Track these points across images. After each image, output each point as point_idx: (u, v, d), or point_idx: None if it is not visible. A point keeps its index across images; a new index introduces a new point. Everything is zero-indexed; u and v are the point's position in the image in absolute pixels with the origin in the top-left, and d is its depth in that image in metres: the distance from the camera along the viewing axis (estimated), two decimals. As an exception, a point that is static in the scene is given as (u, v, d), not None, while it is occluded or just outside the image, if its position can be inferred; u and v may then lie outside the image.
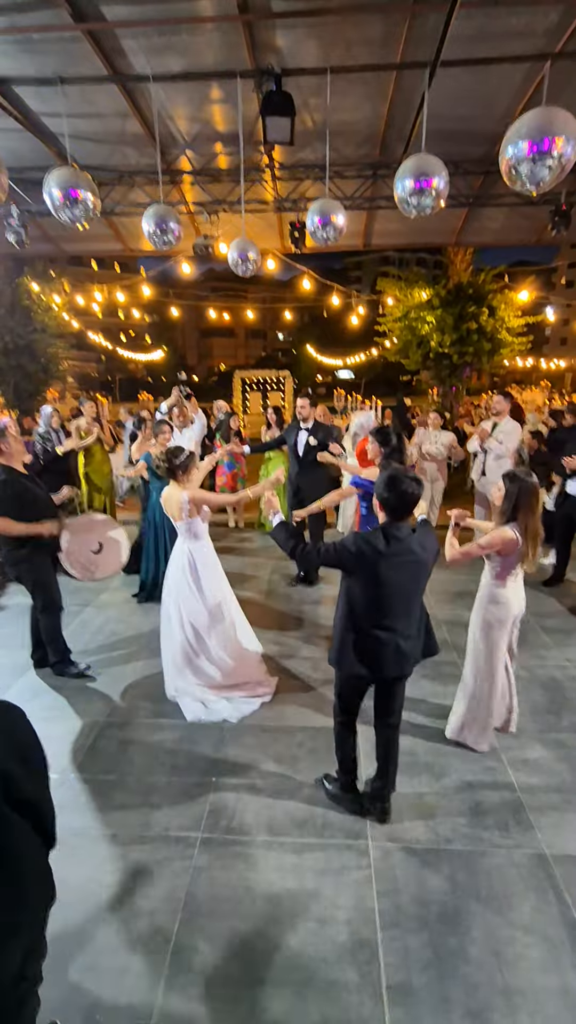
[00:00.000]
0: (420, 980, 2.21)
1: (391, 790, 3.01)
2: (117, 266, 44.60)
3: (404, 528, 2.62)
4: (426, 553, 2.67)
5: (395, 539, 2.57)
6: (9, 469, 3.89)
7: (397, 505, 2.60)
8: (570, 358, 36.13)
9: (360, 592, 2.65)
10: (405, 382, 34.08)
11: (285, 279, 46.79)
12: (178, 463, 3.86)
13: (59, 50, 5.15)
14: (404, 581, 2.63)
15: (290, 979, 2.21)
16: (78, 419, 7.69)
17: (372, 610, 2.65)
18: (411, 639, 2.75)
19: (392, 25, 4.83)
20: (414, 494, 2.59)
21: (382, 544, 2.56)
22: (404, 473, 2.60)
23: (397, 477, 2.58)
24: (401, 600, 2.66)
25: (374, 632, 2.66)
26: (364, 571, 2.60)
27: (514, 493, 3.22)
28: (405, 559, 2.59)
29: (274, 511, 3.10)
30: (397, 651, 2.69)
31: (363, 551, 2.56)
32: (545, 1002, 2.14)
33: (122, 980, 2.21)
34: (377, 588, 2.60)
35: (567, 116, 3.83)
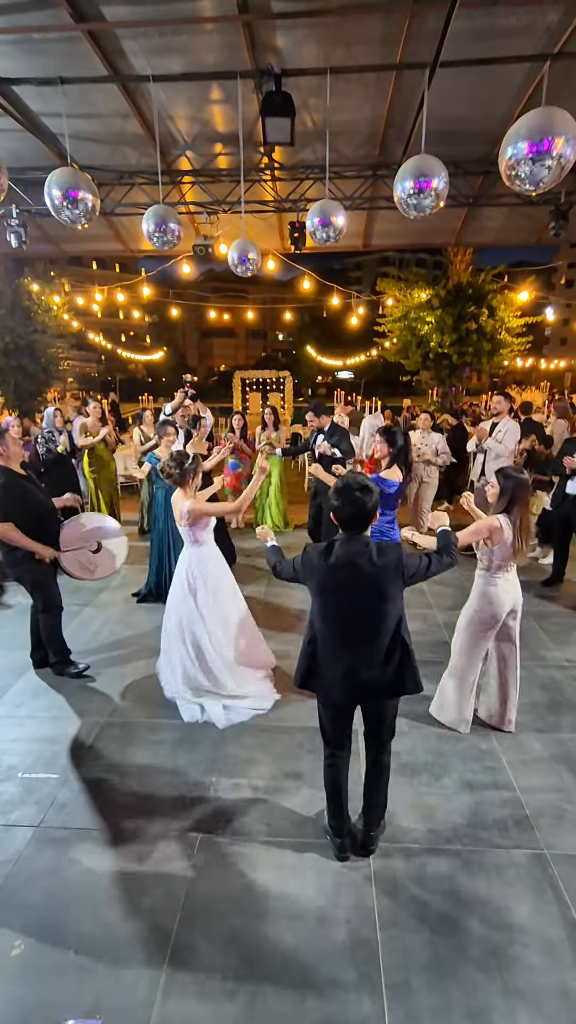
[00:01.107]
0: (419, 980, 2.21)
1: (375, 832, 2.78)
2: (117, 266, 44.66)
3: (357, 542, 2.41)
4: (377, 570, 2.38)
5: (341, 553, 2.39)
6: (7, 470, 3.89)
7: (347, 516, 2.40)
8: (570, 358, 36.15)
9: (314, 609, 2.53)
10: (405, 382, 34.06)
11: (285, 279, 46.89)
12: (187, 467, 3.81)
13: (59, 50, 5.16)
14: (352, 599, 2.41)
15: (289, 978, 2.21)
16: (85, 419, 7.69)
17: (326, 629, 2.51)
18: (374, 668, 2.47)
19: (392, 25, 4.84)
20: (365, 505, 2.36)
21: (323, 555, 2.42)
22: (355, 482, 2.39)
23: (348, 487, 2.38)
24: (352, 620, 2.44)
25: (327, 652, 2.51)
26: (311, 585, 2.49)
27: (509, 488, 3.32)
28: (351, 576, 2.38)
29: (269, 538, 3.15)
30: (350, 676, 2.47)
31: (305, 563, 2.48)
32: (544, 1002, 2.14)
33: (122, 979, 2.21)
34: (325, 605, 2.47)
35: (566, 116, 3.83)
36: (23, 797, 3.15)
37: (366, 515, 2.40)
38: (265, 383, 13.89)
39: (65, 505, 4.35)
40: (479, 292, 11.57)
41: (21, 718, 3.89)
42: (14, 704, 4.06)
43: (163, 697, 4.03)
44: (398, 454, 4.34)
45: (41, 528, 3.97)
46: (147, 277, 15.39)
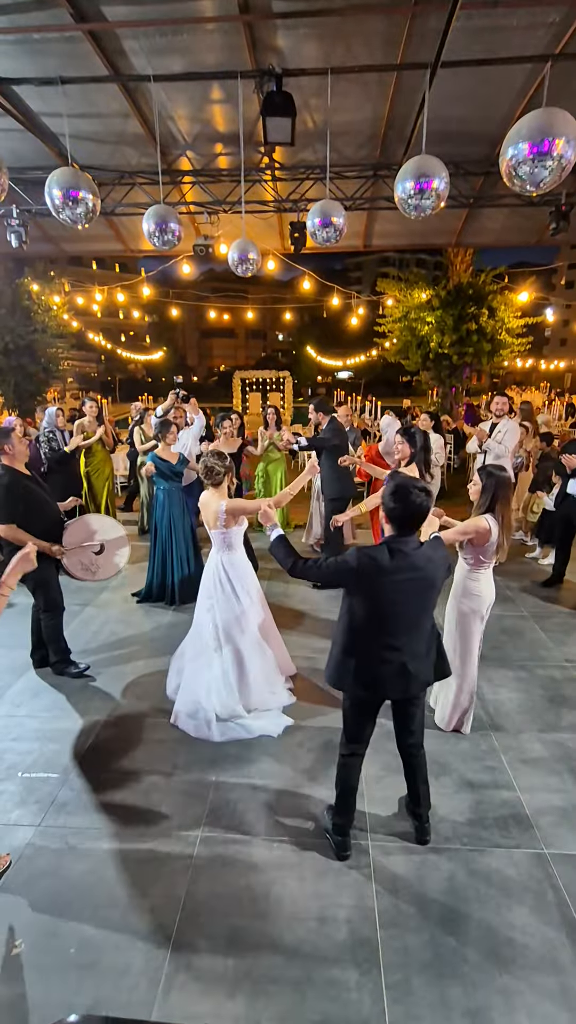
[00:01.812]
0: (419, 979, 2.21)
1: (427, 808, 2.89)
2: (117, 266, 44.66)
3: (411, 542, 2.43)
4: (434, 569, 2.47)
5: (400, 554, 2.39)
6: (11, 470, 3.89)
7: (404, 517, 2.41)
8: (570, 359, 36.18)
9: (362, 609, 2.48)
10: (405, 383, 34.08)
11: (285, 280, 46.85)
12: (225, 468, 3.68)
13: (60, 50, 5.16)
14: (409, 599, 2.44)
15: (290, 977, 2.21)
16: (81, 419, 7.69)
17: (375, 628, 2.48)
18: (420, 659, 2.56)
19: (393, 26, 4.84)
20: (423, 505, 2.38)
21: (386, 559, 2.37)
22: (412, 482, 2.41)
23: (405, 486, 2.39)
24: (406, 618, 2.48)
25: (376, 651, 2.49)
26: (365, 588, 2.43)
27: (491, 486, 3.36)
28: (410, 576, 2.40)
29: (272, 524, 2.92)
30: (402, 671, 2.51)
31: (364, 566, 2.38)
32: (544, 1002, 2.14)
33: (122, 978, 2.21)
34: (380, 605, 2.43)
35: (567, 117, 3.83)
36: (23, 796, 3.16)
37: (422, 516, 2.41)
38: (265, 383, 13.90)
39: (67, 508, 4.37)
40: (479, 293, 11.56)
41: (21, 718, 3.89)
42: (14, 704, 4.06)
43: (164, 696, 4.04)
44: (418, 453, 4.36)
45: (45, 529, 3.97)
46: (147, 277, 15.39)
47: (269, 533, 2.86)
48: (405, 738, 2.81)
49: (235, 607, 3.75)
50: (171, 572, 5.61)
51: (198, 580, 3.96)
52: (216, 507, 3.63)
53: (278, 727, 3.72)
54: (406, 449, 4.35)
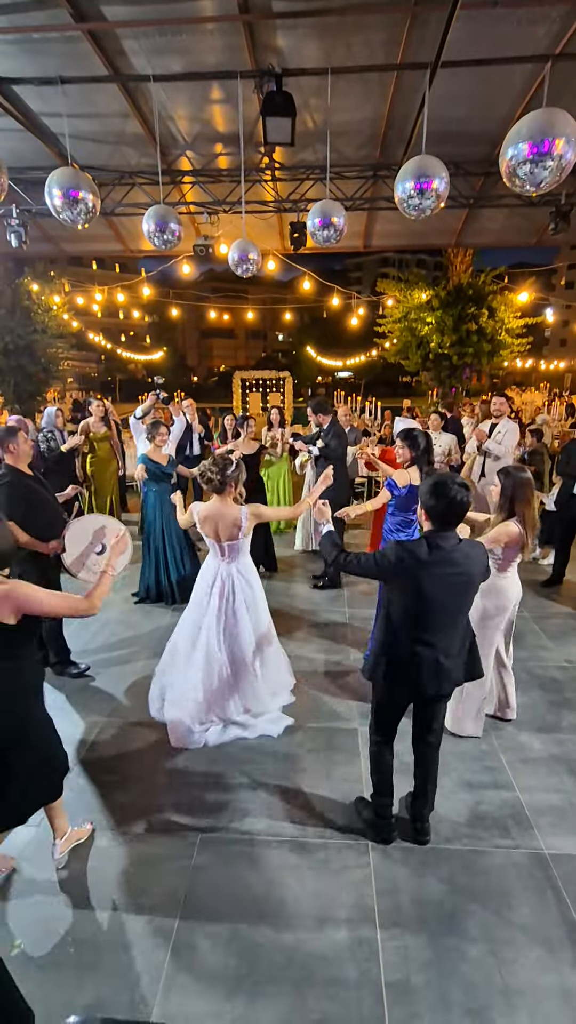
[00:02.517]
0: (419, 979, 2.21)
1: (430, 810, 2.89)
2: (117, 266, 44.67)
3: (451, 538, 2.42)
4: (472, 567, 2.46)
5: (439, 549, 2.39)
6: (15, 470, 3.89)
7: (444, 513, 2.40)
8: (570, 359, 36.17)
9: (400, 604, 2.49)
10: (405, 383, 34.09)
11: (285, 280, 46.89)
12: (229, 474, 3.46)
13: (59, 50, 5.16)
14: (447, 595, 2.44)
15: (290, 977, 2.21)
16: (86, 419, 7.67)
17: (412, 623, 2.48)
18: (453, 657, 2.56)
19: (393, 26, 4.84)
20: (463, 501, 2.37)
21: (424, 553, 2.38)
22: (451, 478, 2.40)
23: (444, 483, 2.38)
24: (443, 615, 2.47)
25: (413, 646, 2.49)
26: (404, 582, 2.43)
27: (510, 487, 3.36)
28: (449, 571, 2.40)
29: (325, 520, 2.97)
30: (437, 668, 2.52)
31: (403, 560, 2.38)
32: (544, 1002, 2.14)
33: (123, 978, 2.21)
34: (417, 600, 2.42)
35: (567, 117, 3.84)
36: (23, 796, 3.15)
37: (462, 511, 2.40)
38: (265, 383, 13.90)
39: (67, 498, 4.35)
40: (479, 293, 11.58)
41: (21, 717, 3.88)
42: (14, 703, 4.05)
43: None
44: (420, 456, 4.34)
45: (46, 528, 3.97)
46: (147, 277, 15.38)
47: (320, 528, 2.94)
48: (424, 736, 2.81)
49: (243, 615, 3.64)
50: (165, 572, 5.60)
51: (195, 579, 3.89)
52: (235, 515, 3.46)
53: (278, 727, 3.71)
54: (407, 453, 4.33)
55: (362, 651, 4.75)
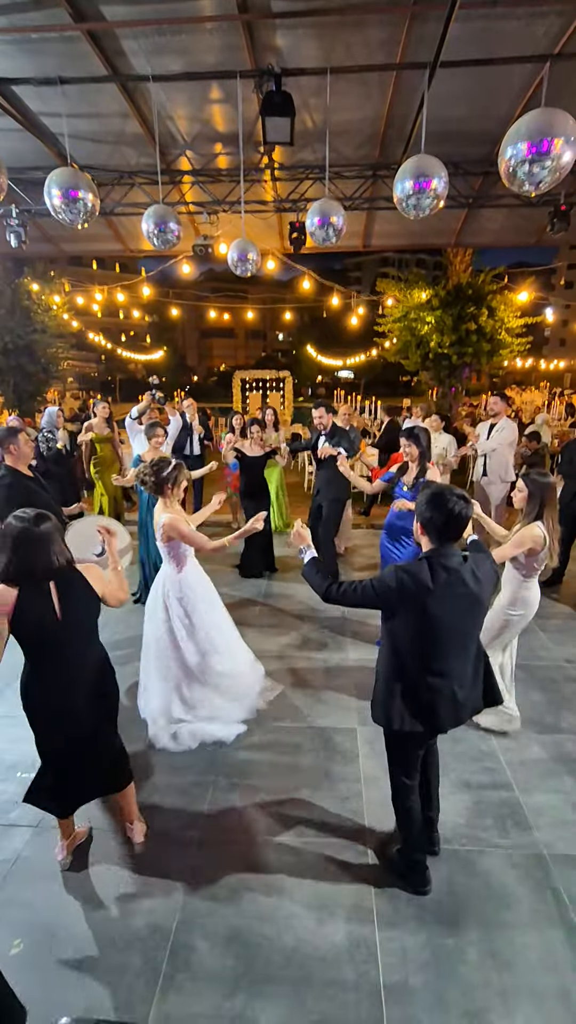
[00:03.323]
0: (418, 980, 2.21)
1: (437, 815, 2.78)
2: (117, 266, 44.67)
3: (454, 556, 2.25)
4: (481, 585, 2.27)
5: (442, 569, 2.20)
6: (14, 471, 3.89)
7: (444, 527, 2.23)
8: (569, 359, 36.17)
9: (406, 633, 2.28)
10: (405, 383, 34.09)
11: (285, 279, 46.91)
12: (165, 476, 3.43)
13: (59, 50, 5.15)
14: (456, 618, 2.24)
15: (288, 978, 2.21)
16: (90, 419, 7.66)
17: (421, 654, 2.28)
18: (467, 687, 2.37)
19: (392, 26, 4.84)
20: (463, 514, 2.22)
21: (426, 576, 2.18)
22: (449, 490, 2.24)
23: (441, 494, 2.22)
24: (454, 640, 2.27)
25: (425, 679, 2.28)
26: (408, 609, 2.22)
27: (538, 493, 3.28)
28: (456, 592, 2.21)
29: (306, 545, 2.66)
30: (453, 700, 2.31)
31: (404, 585, 2.19)
32: (543, 1002, 2.14)
33: (120, 979, 2.21)
34: (424, 628, 2.22)
35: (566, 117, 3.83)
36: (23, 796, 3.14)
37: (462, 524, 2.24)
38: (265, 383, 13.90)
39: (72, 512, 4.38)
40: (479, 293, 11.57)
41: (21, 718, 3.86)
42: (13, 704, 4.05)
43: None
44: (425, 452, 4.37)
45: None
46: (147, 277, 15.38)
47: (302, 556, 2.63)
48: (426, 755, 2.71)
49: (174, 628, 3.60)
50: (153, 573, 5.57)
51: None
52: (158, 519, 3.47)
53: (229, 732, 3.61)
54: (414, 451, 4.34)
55: (361, 647, 4.76)
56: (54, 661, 2.36)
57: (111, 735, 2.65)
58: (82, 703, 2.44)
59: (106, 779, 2.66)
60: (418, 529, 2.32)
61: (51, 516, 2.30)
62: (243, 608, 5.59)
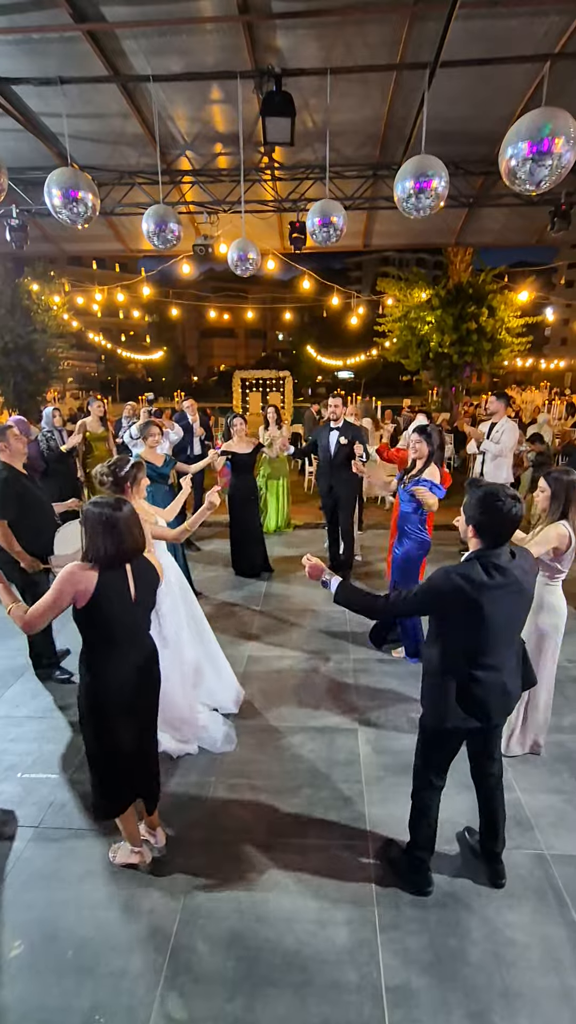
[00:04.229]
0: (420, 982, 2.20)
1: (503, 846, 2.67)
2: (117, 266, 44.69)
3: (503, 554, 2.23)
4: (530, 580, 2.32)
5: (495, 568, 2.19)
6: (9, 467, 3.88)
7: (497, 529, 2.20)
8: (570, 358, 36.17)
9: (458, 633, 2.28)
10: (405, 382, 34.10)
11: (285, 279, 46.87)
12: (123, 475, 3.35)
13: (59, 50, 5.15)
14: (508, 615, 2.26)
15: (289, 980, 2.21)
16: (84, 418, 7.65)
17: (474, 651, 2.28)
18: (513, 674, 2.39)
19: (392, 26, 4.83)
20: (518, 514, 2.17)
21: (482, 575, 2.17)
22: (502, 490, 2.18)
23: (495, 494, 2.16)
24: (504, 635, 2.29)
25: (477, 675, 2.28)
26: (464, 610, 2.19)
27: (561, 492, 3.19)
28: (509, 590, 2.21)
29: (326, 575, 2.54)
30: (503, 692, 2.35)
31: (460, 588, 2.16)
32: (545, 1004, 2.13)
33: (121, 981, 2.21)
34: (479, 628, 2.21)
35: (567, 116, 3.83)
36: (22, 797, 3.15)
37: (514, 525, 2.21)
38: (265, 383, 13.89)
39: (67, 508, 4.35)
40: (479, 292, 11.58)
41: (20, 718, 3.89)
42: (13, 704, 4.06)
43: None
44: (435, 451, 4.35)
45: (37, 529, 3.96)
46: (147, 277, 15.39)
47: (327, 587, 2.52)
48: (487, 766, 2.63)
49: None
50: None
51: (187, 580, 3.85)
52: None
53: (173, 749, 3.50)
54: (423, 448, 4.34)
55: (362, 647, 4.76)
56: (131, 643, 2.47)
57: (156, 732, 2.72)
58: (150, 689, 2.58)
59: (153, 781, 2.73)
60: (469, 531, 2.27)
61: (127, 501, 2.38)
62: (243, 610, 5.59)
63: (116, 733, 2.43)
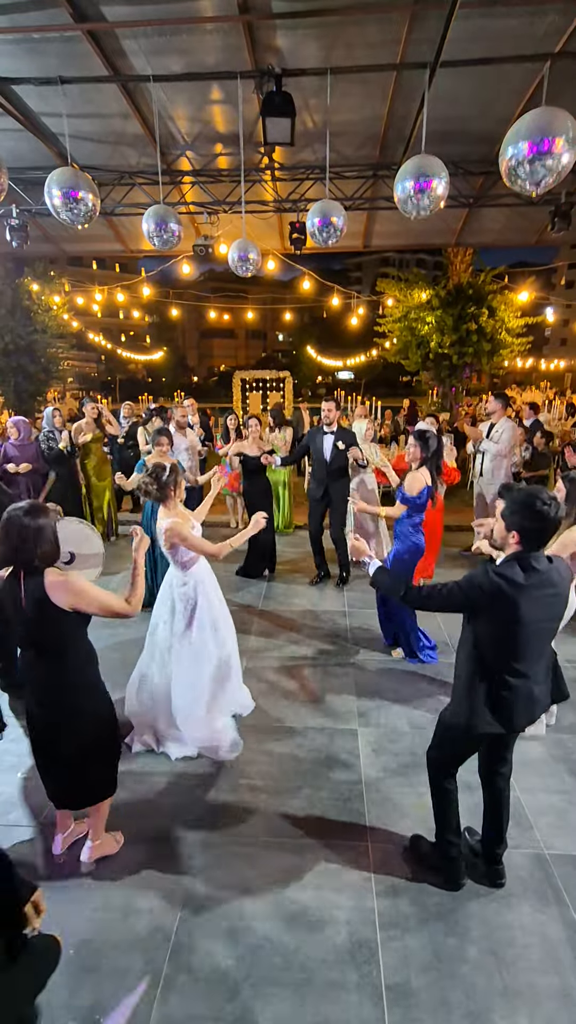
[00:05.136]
0: (419, 981, 2.20)
1: (504, 849, 2.67)
2: (117, 266, 44.69)
3: (541, 557, 2.23)
4: (567, 585, 2.29)
5: (534, 571, 2.18)
6: None
7: (540, 533, 2.20)
8: (570, 359, 36.12)
9: (492, 634, 2.27)
10: (405, 383, 34.11)
11: (285, 280, 46.85)
12: (164, 480, 3.35)
13: (59, 50, 5.15)
14: (543, 618, 2.24)
15: (289, 979, 2.21)
16: (79, 420, 7.69)
17: (506, 654, 2.27)
18: (542, 683, 2.38)
19: (392, 25, 4.83)
20: (554, 517, 2.15)
21: (520, 576, 2.16)
22: (540, 493, 2.17)
23: (534, 499, 2.14)
24: (539, 641, 2.28)
25: (506, 679, 2.28)
26: (500, 610, 2.20)
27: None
28: (545, 592, 2.21)
29: (368, 557, 2.72)
30: (529, 699, 2.33)
31: (499, 587, 2.17)
32: (544, 1003, 2.13)
33: (122, 980, 2.21)
34: (514, 629, 2.21)
35: (567, 117, 3.83)
36: (22, 798, 3.15)
37: (554, 528, 2.21)
38: (265, 383, 13.90)
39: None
40: (479, 292, 11.57)
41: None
42: (10, 705, 4.05)
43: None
44: (430, 457, 4.34)
45: None
46: (147, 277, 15.41)
47: (366, 567, 2.69)
48: (498, 767, 2.62)
49: (182, 638, 3.45)
50: (159, 579, 5.50)
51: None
52: (161, 525, 3.34)
53: (181, 753, 3.48)
54: (417, 452, 4.34)
55: (362, 648, 4.76)
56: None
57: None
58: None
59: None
60: (512, 536, 2.24)
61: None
62: (244, 610, 5.59)
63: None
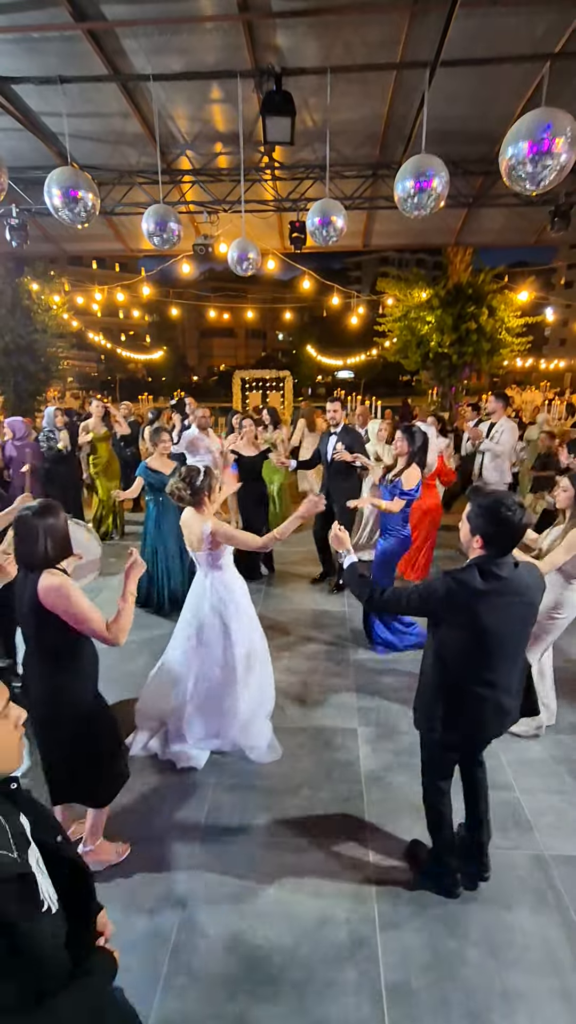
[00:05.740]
0: (419, 981, 2.20)
1: (488, 837, 2.63)
2: (117, 266, 44.66)
3: (506, 563, 2.16)
4: (534, 593, 2.23)
5: (494, 576, 2.13)
6: None
7: (505, 539, 2.15)
8: (569, 358, 36.12)
9: (454, 642, 2.23)
10: (405, 382, 34.10)
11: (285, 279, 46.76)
12: (199, 485, 3.25)
13: (59, 49, 5.15)
14: (508, 628, 2.18)
15: (289, 979, 2.21)
16: (87, 420, 7.69)
17: (470, 663, 2.21)
18: (512, 694, 2.31)
19: (392, 25, 4.83)
20: (520, 522, 2.13)
21: (478, 582, 2.11)
22: (506, 498, 2.14)
23: (499, 503, 2.11)
24: (505, 649, 2.21)
25: (473, 689, 2.23)
26: (457, 616, 2.17)
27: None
28: (510, 600, 2.16)
29: (346, 550, 2.66)
30: (498, 709, 2.28)
31: (454, 593, 2.13)
32: (544, 1004, 2.13)
33: (120, 980, 2.20)
34: (475, 636, 2.16)
35: (567, 116, 3.83)
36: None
37: (520, 534, 2.16)
38: (265, 383, 13.90)
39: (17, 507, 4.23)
40: (479, 292, 11.58)
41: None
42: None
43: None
44: (417, 452, 4.38)
45: None
46: (147, 277, 15.40)
47: (341, 560, 2.65)
48: (473, 762, 2.64)
49: (223, 642, 3.35)
50: (160, 581, 5.48)
51: (187, 591, 3.65)
52: (199, 530, 3.23)
53: (200, 761, 3.43)
54: (404, 446, 4.37)
55: (362, 647, 4.76)
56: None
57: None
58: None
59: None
60: (476, 540, 2.19)
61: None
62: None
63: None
